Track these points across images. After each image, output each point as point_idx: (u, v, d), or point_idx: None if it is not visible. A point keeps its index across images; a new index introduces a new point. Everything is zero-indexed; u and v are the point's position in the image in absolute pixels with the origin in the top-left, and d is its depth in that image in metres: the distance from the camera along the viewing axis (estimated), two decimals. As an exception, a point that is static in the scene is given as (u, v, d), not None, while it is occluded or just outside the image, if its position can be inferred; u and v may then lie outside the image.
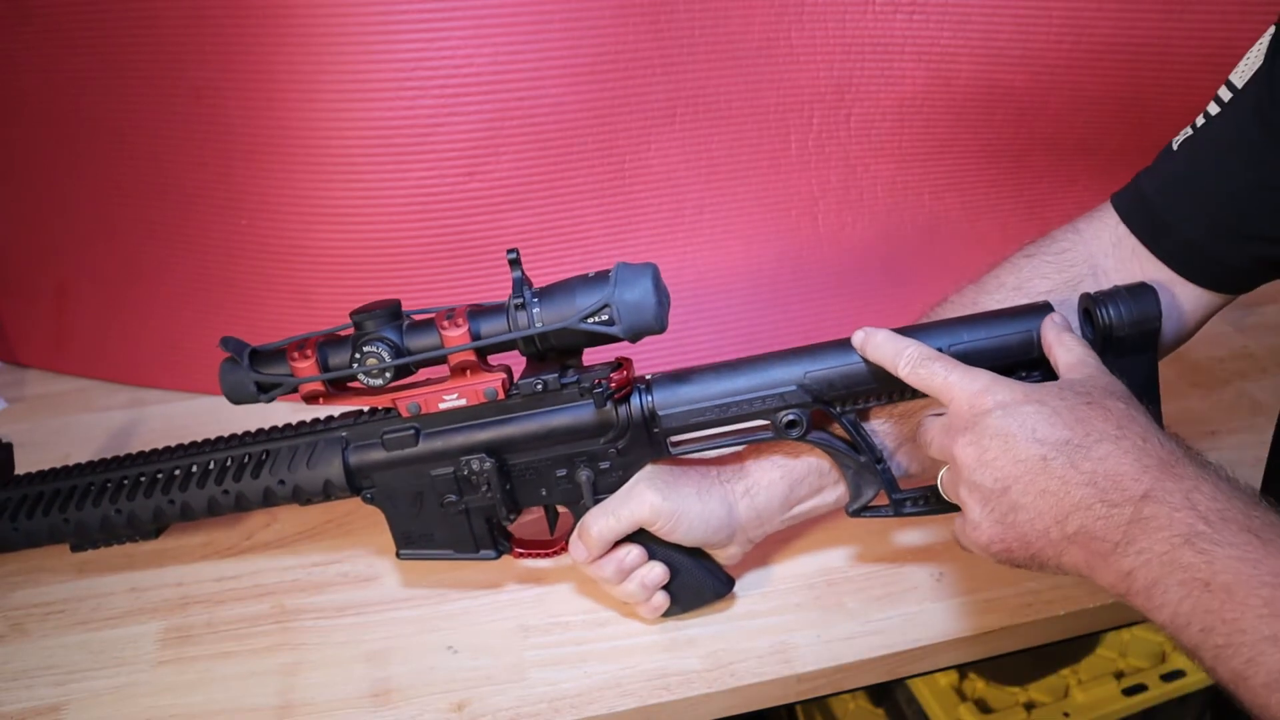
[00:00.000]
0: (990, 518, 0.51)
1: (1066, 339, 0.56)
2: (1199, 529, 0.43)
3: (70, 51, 0.84)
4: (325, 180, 0.82)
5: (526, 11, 0.77)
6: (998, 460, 0.49)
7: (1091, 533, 0.47)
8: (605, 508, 0.63)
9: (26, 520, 0.69)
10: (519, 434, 0.62)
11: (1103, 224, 0.63)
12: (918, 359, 0.55)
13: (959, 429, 0.52)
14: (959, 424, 0.52)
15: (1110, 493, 0.46)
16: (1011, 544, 0.50)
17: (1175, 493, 0.45)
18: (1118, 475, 0.46)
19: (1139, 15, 0.83)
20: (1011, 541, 0.50)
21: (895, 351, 0.56)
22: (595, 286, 0.58)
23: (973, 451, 0.51)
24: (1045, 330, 0.57)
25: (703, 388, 0.60)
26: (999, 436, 0.49)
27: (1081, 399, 0.50)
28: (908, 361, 0.55)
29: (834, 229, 0.92)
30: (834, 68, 0.85)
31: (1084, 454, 0.47)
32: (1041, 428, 0.49)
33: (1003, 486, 0.49)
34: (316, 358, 0.60)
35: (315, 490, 0.65)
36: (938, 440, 0.54)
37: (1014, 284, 0.63)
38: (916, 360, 0.55)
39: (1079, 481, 0.47)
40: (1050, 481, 0.48)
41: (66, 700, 0.65)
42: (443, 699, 0.64)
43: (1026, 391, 0.51)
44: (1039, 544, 0.49)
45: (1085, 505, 0.47)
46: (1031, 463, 0.48)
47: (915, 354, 0.56)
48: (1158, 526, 0.45)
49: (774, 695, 0.65)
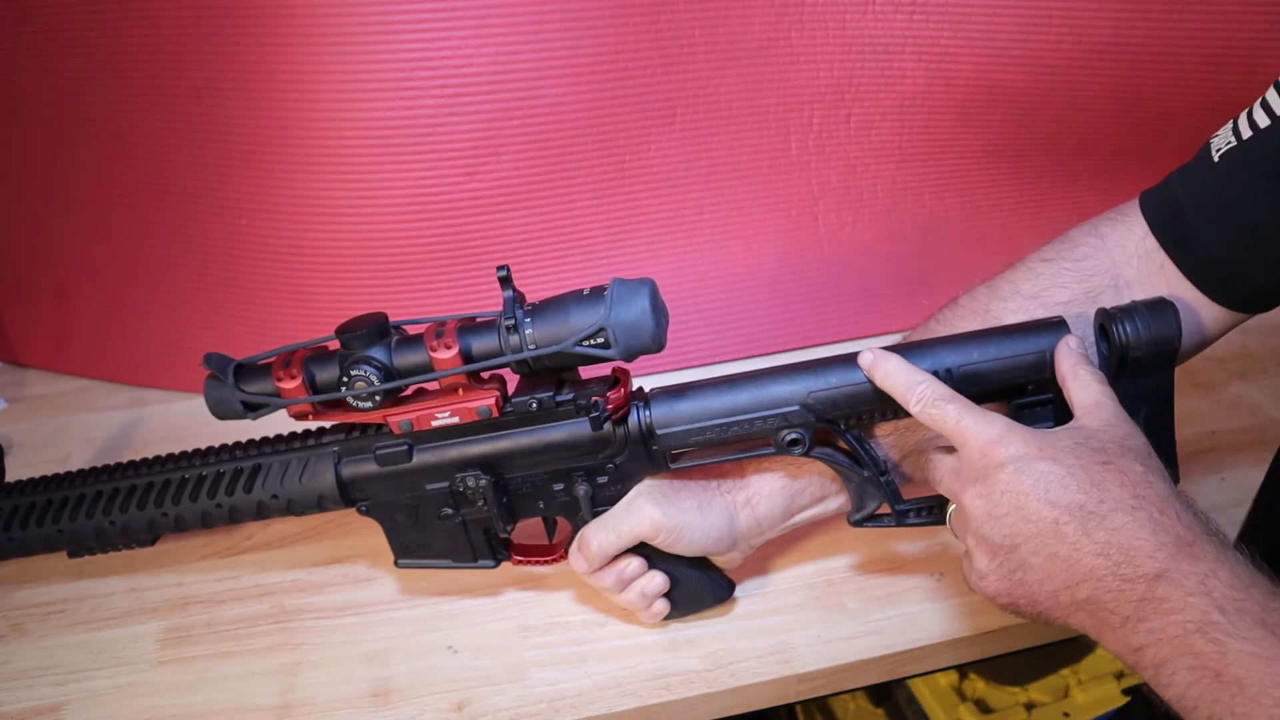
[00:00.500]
0: (998, 572, 0.50)
1: (1082, 374, 0.53)
2: (1213, 618, 0.42)
3: (70, 51, 0.84)
4: (325, 180, 0.82)
5: (526, 11, 0.77)
6: (1009, 517, 0.48)
7: (1102, 603, 0.46)
8: (605, 523, 0.62)
9: (20, 530, 0.68)
10: (514, 450, 0.61)
11: (1129, 231, 0.60)
12: (930, 398, 0.53)
13: (970, 478, 0.50)
14: (970, 473, 0.50)
15: (1123, 567, 0.45)
16: (1019, 600, 0.50)
17: (1191, 576, 0.44)
18: (1132, 550, 0.45)
19: (1139, 15, 0.83)
20: (1019, 598, 0.50)
21: (907, 386, 0.54)
22: (590, 305, 0.55)
23: (983, 505, 0.49)
24: (1060, 358, 0.55)
25: (703, 404, 0.59)
26: (1010, 493, 0.48)
27: (1098, 458, 0.48)
28: (919, 399, 0.54)
29: (834, 229, 0.92)
30: (834, 68, 0.85)
31: (1098, 522, 0.46)
32: (1055, 489, 0.47)
33: (1012, 544, 0.48)
34: (303, 376, 0.58)
35: (309, 504, 0.64)
36: (946, 482, 0.53)
37: (1030, 291, 0.61)
38: (929, 400, 0.53)
39: (1092, 551, 0.46)
40: (1062, 546, 0.47)
41: (66, 700, 0.65)
42: (443, 699, 0.63)
43: (1041, 446, 0.49)
44: (1047, 604, 0.49)
45: (1097, 576, 0.46)
46: (1043, 525, 0.47)
47: (929, 392, 0.53)
48: (1171, 609, 0.44)
49: (774, 695, 0.65)
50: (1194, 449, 0.60)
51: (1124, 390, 0.57)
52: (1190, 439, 0.62)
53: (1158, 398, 0.57)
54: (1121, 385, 0.57)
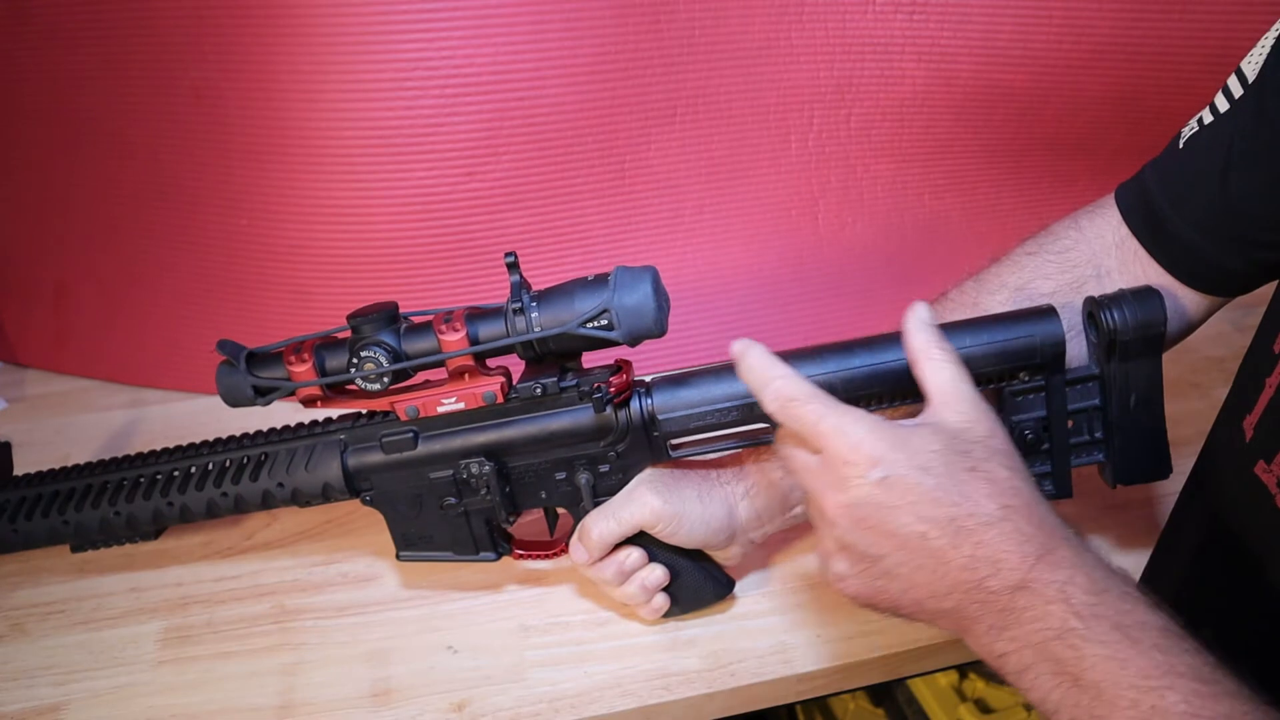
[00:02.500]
0: (860, 577, 0.49)
1: (937, 354, 0.50)
2: (1070, 624, 0.43)
3: (70, 51, 0.84)
4: (325, 180, 0.82)
5: (526, 11, 0.77)
6: (876, 529, 0.47)
7: (966, 613, 0.46)
8: (605, 511, 0.62)
9: (25, 522, 0.69)
10: (518, 437, 0.62)
11: (1105, 222, 0.62)
12: (786, 397, 0.49)
13: (831, 483, 0.48)
14: (833, 478, 0.48)
15: (989, 579, 0.45)
16: (879, 603, 0.49)
17: (1050, 585, 0.44)
18: (998, 562, 0.45)
19: (1139, 15, 0.83)
20: (880, 601, 0.49)
21: (763, 381, 0.50)
22: (594, 291, 0.57)
23: (846, 513, 0.47)
24: (911, 333, 0.52)
25: (703, 391, 0.60)
26: (877, 505, 0.46)
27: (965, 464, 0.46)
28: (775, 397, 0.50)
29: (834, 229, 0.92)
30: (834, 68, 0.85)
31: (966, 536, 0.45)
32: (925, 504, 0.46)
33: (878, 554, 0.47)
34: (314, 361, 0.60)
35: (314, 493, 0.65)
36: (806, 478, 0.50)
37: (1016, 284, 0.62)
38: (785, 397, 0.49)
39: (959, 564, 0.45)
40: (928, 559, 0.46)
41: (66, 700, 0.65)
42: (443, 699, 0.64)
43: (909, 453, 0.46)
44: (910, 609, 0.49)
45: (963, 589, 0.46)
46: (910, 539, 0.46)
47: (785, 390, 0.49)
48: (1032, 618, 0.44)
49: (774, 695, 0.65)
50: (1195, 448, 0.60)
51: (1114, 375, 0.58)
52: (1189, 438, 0.62)
53: (1147, 383, 0.58)
54: (1111, 370, 0.58)
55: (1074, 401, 0.60)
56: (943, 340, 0.51)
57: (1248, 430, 0.51)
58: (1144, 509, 0.73)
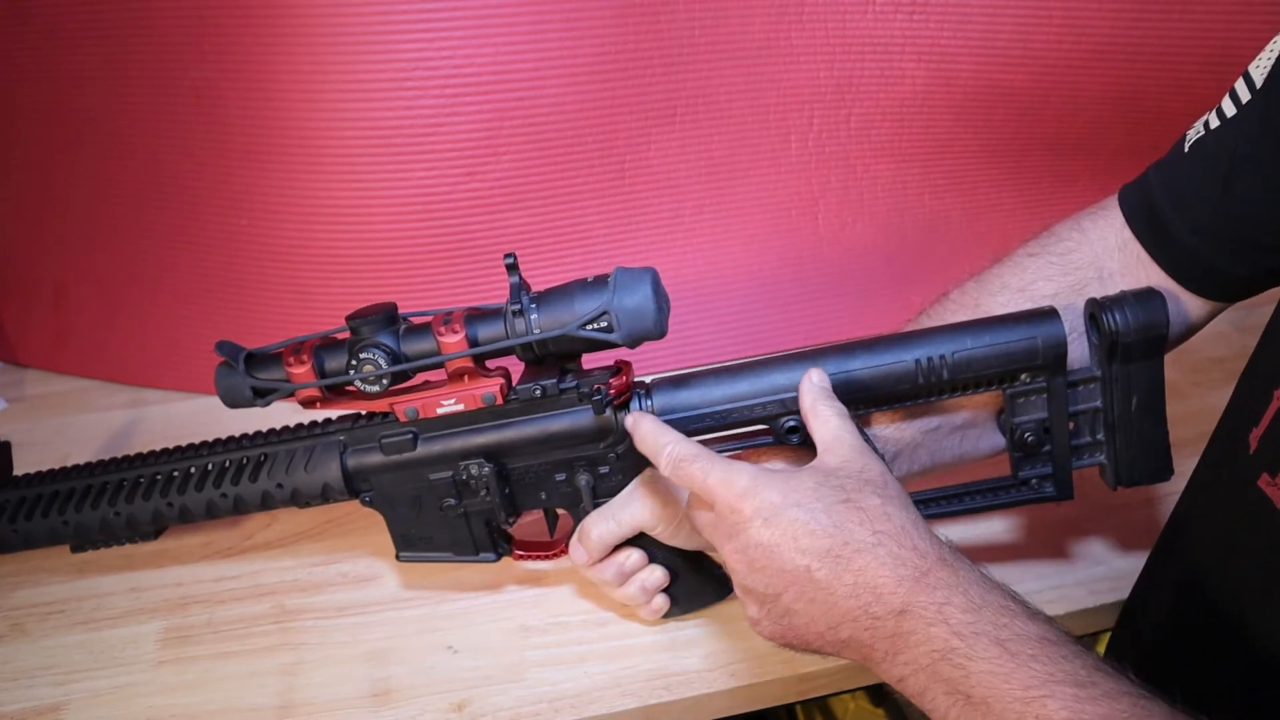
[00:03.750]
0: (769, 618, 0.51)
1: (822, 410, 0.55)
2: (953, 644, 0.45)
3: (70, 51, 0.84)
4: (325, 180, 0.82)
5: (526, 11, 0.77)
6: (767, 569, 0.49)
7: (861, 641, 0.48)
8: (605, 512, 0.62)
9: (25, 522, 0.69)
10: (517, 439, 0.62)
11: (1109, 224, 0.62)
12: (676, 459, 0.53)
13: (725, 533, 0.51)
14: (724, 528, 0.51)
15: (872, 606, 0.47)
16: (792, 640, 0.51)
17: (929, 607, 0.46)
18: (876, 588, 0.47)
19: (1139, 15, 0.83)
20: (792, 639, 0.51)
21: (656, 449, 0.55)
22: (594, 292, 0.57)
23: (741, 559, 0.50)
24: (802, 394, 0.56)
25: (703, 393, 0.60)
26: (763, 546, 0.49)
27: (838, 496, 0.49)
28: (668, 461, 0.54)
29: (834, 229, 0.92)
30: (834, 68, 0.85)
31: (844, 565, 0.48)
32: (803, 537, 0.48)
33: (775, 593, 0.50)
34: (312, 362, 0.60)
35: (313, 494, 0.65)
36: (707, 533, 0.54)
37: (1018, 285, 0.62)
38: (675, 460, 0.53)
39: (844, 594, 0.48)
40: (818, 592, 0.48)
41: (66, 700, 0.65)
42: (443, 699, 0.63)
43: (785, 492, 0.49)
44: (818, 643, 0.50)
45: (852, 617, 0.48)
46: (798, 573, 0.48)
47: (675, 453, 0.53)
48: (917, 641, 0.46)
49: (774, 695, 0.65)
50: (1195, 449, 0.60)
51: (1115, 377, 0.58)
52: (1190, 439, 0.62)
53: (1148, 385, 0.58)
54: (1113, 372, 0.58)
55: (1075, 403, 0.60)
56: (830, 399, 0.55)
57: (1252, 442, 0.51)
58: (1144, 510, 0.73)
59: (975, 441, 0.63)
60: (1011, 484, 0.62)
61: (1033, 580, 0.68)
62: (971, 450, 0.64)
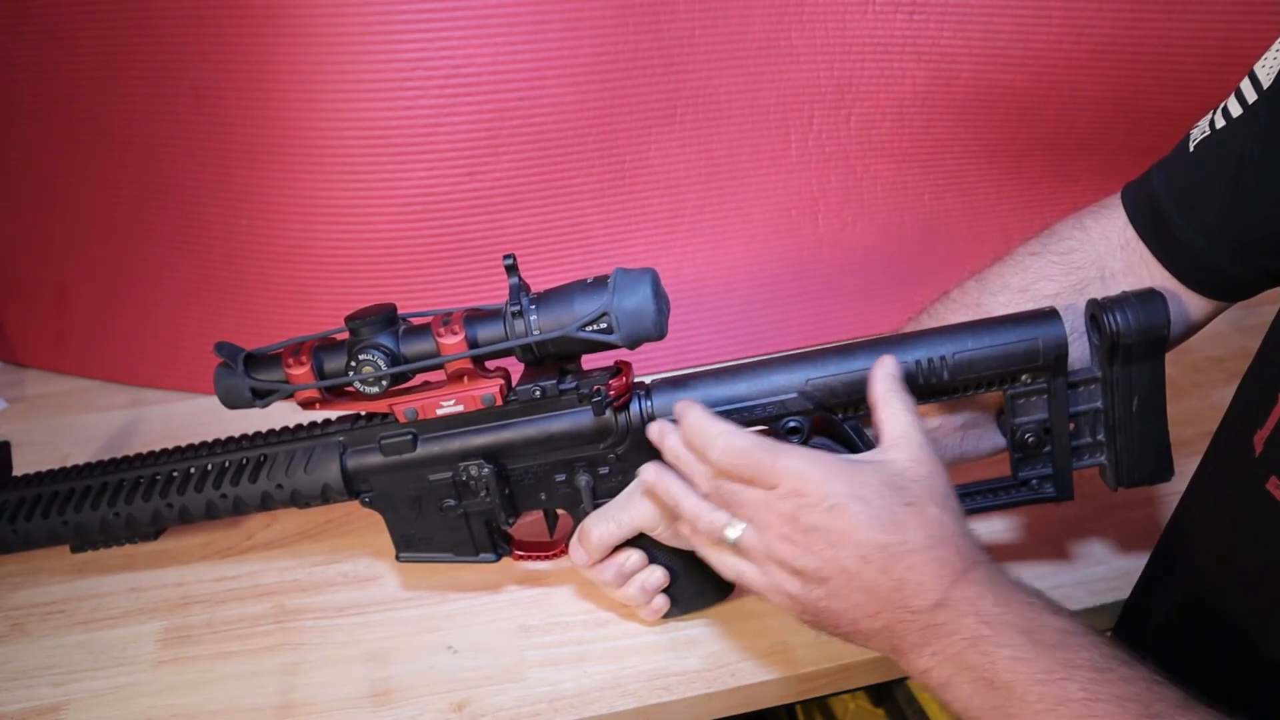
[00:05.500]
0: (806, 597, 0.52)
1: (895, 403, 0.55)
2: (982, 633, 0.47)
3: (70, 51, 0.84)
4: (325, 180, 0.82)
5: (526, 11, 0.77)
6: (822, 554, 0.51)
7: (895, 631, 0.50)
8: (605, 513, 0.62)
9: (25, 522, 0.69)
10: (517, 440, 0.62)
11: (1111, 223, 0.61)
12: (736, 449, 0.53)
13: (787, 513, 0.51)
14: (786, 506, 0.51)
15: (913, 599, 0.49)
16: (823, 622, 0.53)
17: (964, 601, 0.48)
18: (920, 584, 0.49)
19: (1139, 15, 0.83)
20: (822, 620, 0.53)
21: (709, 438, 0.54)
22: (594, 293, 0.57)
23: (795, 539, 0.51)
24: (875, 381, 0.56)
25: (703, 394, 0.60)
26: (821, 531, 0.50)
27: (902, 499, 0.51)
28: (724, 450, 0.53)
29: (834, 229, 0.92)
30: (834, 68, 0.85)
31: (896, 560, 0.49)
32: (862, 530, 0.50)
33: (822, 578, 0.51)
34: (312, 363, 0.60)
35: (313, 494, 0.65)
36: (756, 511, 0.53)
37: (1019, 285, 0.62)
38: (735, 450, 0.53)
39: (889, 586, 0.50)
40: (864, 583, 0.50)
41: (66, 700, 0.65)
42: (443, 699, 0.63)
43: (852, 485, 0.51)
44: (849, 629, 0.52)
45: (892, 608, 0.50)
46: (851, 564, 0.50)
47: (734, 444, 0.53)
48: (948, 631, 0.48)
49: (774, 695, 0.65)
50: (1195, 449, 0.60)
51: (1116, 378, 0.58)
52: (1190, 439, 0.62)
53: (1149, 385, 0.58)
54: (1114, 373, 0.58)
55: (1076, 404, 0.60)
56: (903, 391, 0.55)
57: (1257, 445, 0.51)
58: (1144, 510, 0.73)
59: (975, 442, 0.64)
60: (1011, 484, 0.62)
61: (1033, 580, 0.67)
62: (972, 450, 0.64)
